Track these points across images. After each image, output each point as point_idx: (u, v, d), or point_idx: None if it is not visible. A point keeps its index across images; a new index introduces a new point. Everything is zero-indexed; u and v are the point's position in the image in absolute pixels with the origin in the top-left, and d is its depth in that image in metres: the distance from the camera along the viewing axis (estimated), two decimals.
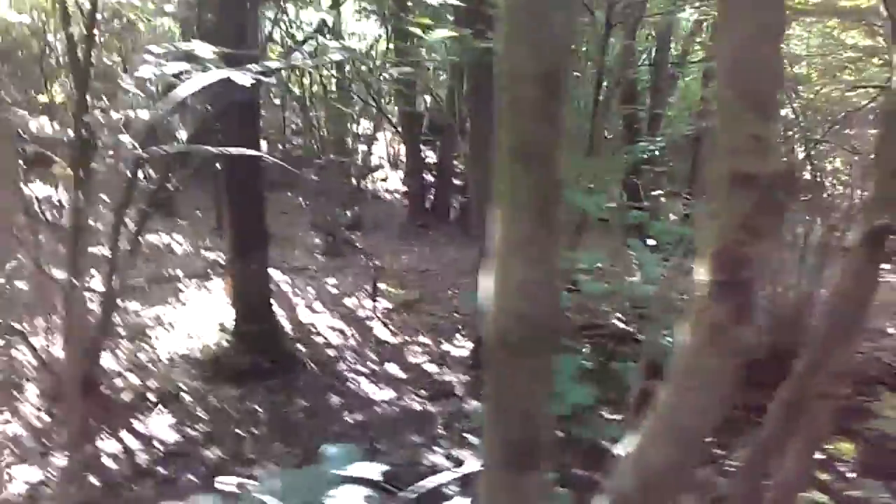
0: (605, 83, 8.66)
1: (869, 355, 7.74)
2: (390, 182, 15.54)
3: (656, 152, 7.52)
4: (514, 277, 1.11)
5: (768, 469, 2.51)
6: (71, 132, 4.50)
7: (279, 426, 5.03)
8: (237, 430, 4.91)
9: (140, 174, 5.07)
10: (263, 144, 13.57)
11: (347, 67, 13.66)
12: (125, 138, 4.20)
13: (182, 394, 5.29)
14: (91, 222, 4.90)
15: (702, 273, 1.20)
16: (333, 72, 13.59)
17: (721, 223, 1.21)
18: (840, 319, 2.36)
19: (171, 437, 4.77)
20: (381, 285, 8.53)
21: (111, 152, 4.59)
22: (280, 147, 14.63)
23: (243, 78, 3.42)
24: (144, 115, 4.51)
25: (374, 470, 2.34)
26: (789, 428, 2.62)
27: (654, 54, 11.28)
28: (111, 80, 5.63)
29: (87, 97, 4.53)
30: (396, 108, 13.98)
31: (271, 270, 6.58)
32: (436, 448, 4.71)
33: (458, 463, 4.32)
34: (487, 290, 1.15)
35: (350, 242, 10.49)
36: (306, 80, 13.64)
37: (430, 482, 3.00)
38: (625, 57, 9.10)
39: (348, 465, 2.31)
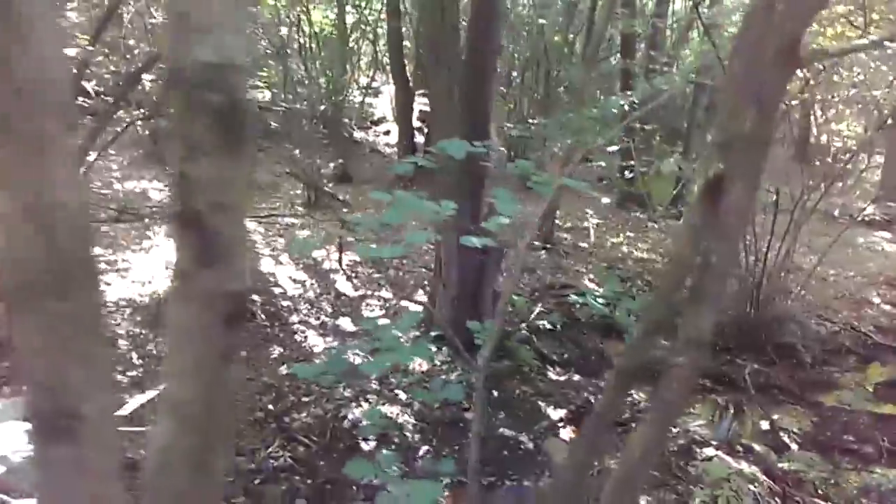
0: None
1: (847, 325, 7.49)
2: (393, 136, 15.25)
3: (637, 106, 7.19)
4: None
5: (603, 441, 2.36)
6: None
7: None
8: None
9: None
10: (267, 93, 13.44)
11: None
12: None
13: (119, 340, 5.24)
14: None
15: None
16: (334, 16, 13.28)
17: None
18: (674, 279, 2.18)
19: None
20: (352, 238, 8.41)
21: None
22: (283, 96, 14.39)
23: None
24: None
25: None
26: (621, 399, 2.46)
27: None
28: None
29: None
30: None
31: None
32: (361, 402, 4.61)
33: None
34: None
35: (332, 195, 10.34)
36: (306, 28, 13.36)
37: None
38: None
39: None
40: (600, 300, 5.30)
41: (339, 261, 7.60)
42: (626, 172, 11.10)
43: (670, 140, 12.82)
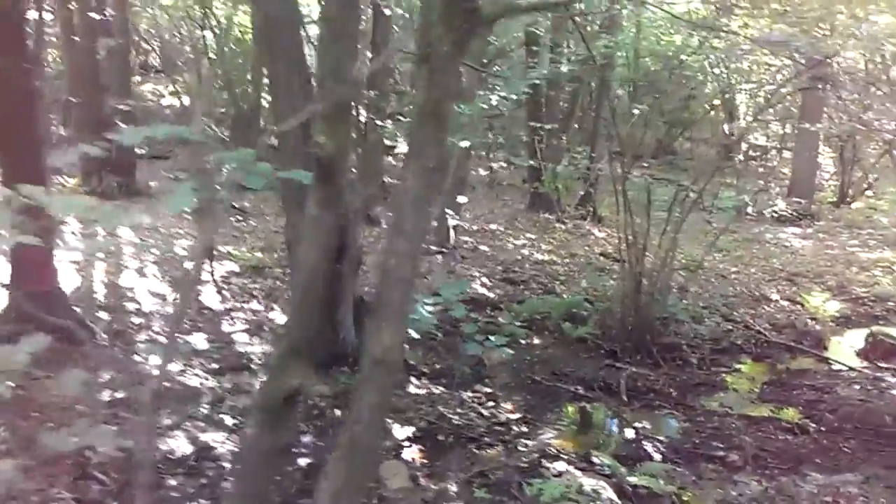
0: None
1: (742, 323, 7.31)
2: None
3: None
4: None
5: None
6: None
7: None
8: None
9: None
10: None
11: None
12: None
13: None
14: None
15: None
16: None
17: None
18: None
19: None
20: (228, 248, 7.93)
21: None
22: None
23: None
24: None
25: None
26: (271, 439, 2.08)
27: None
28: None
29: None
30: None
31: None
32: (174, 433, 4.14)
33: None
34: None
35: (231, 204, 9.79)
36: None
37: None
38: None
39: None
40: (428, 309, 4.95)
41: (211, 272, 7.09)
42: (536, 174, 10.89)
43: (583, 140, 12.67)
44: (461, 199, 9.23)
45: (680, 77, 12.13)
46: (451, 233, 8.76)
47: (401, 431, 4.41)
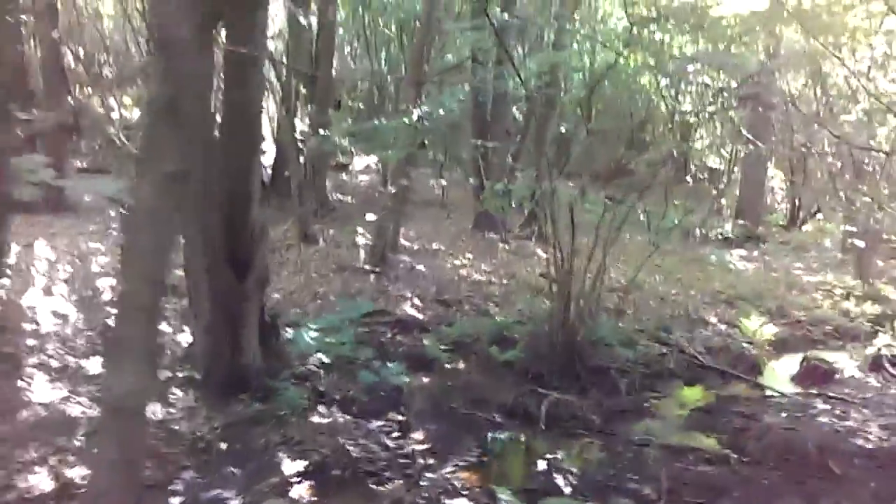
0: None
1: (676, 346, 7.12)
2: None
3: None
4: None
5: None
6: None
7: None
8: None
9: None
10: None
11: None
12: None
13: None
14: None
15: None
16: None
17: None
18: None
19: None
20: None
21: None
22: None
23: None
24: None
25: None
26: None
27: None
28: None
29: None
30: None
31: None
32: (36, 468, 3.77)
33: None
34: None
35: None
36: None
37: None
38: None
39: None
40: (314, 334, 4.67)
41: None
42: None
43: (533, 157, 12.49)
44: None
45: (631, 96, 12.11)
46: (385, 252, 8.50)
47: (291, 466, 4.09)
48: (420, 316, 7.17)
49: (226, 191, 4.92)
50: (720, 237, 12.23)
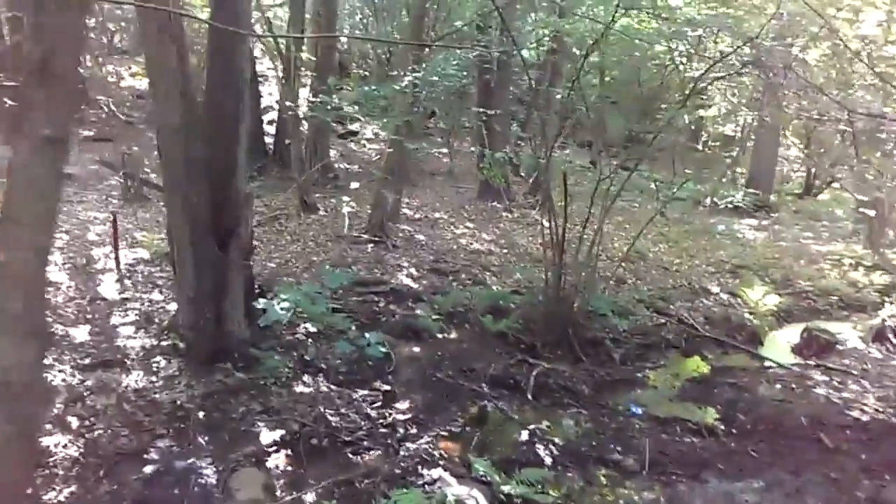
0: None
1: (675, 316, 7.01)
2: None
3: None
4: None
5: None
6: None
7: None
8: None
9: None
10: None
11: None
12: None
13: None
14: None
15: None
16: None
17: None
18: None
19: None
20: (144, 234, 7.54)
21: None
22: None
23: None
24: None
25: None
26: None
27: None
28: None
29: None
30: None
31: None
32: None
33: None
34: None
35: (155, 185, 9.35)
36: None
37: None
38: None
39: None
40: (285, 305, 4.59)
41: (116, 258, 6.70)
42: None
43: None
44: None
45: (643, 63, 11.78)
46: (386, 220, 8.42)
47: (269, 435, 4.06)
48: (415, 285, 7.10)
49: (209, 160, 4.85)
50: (731, 206, 11.98)
